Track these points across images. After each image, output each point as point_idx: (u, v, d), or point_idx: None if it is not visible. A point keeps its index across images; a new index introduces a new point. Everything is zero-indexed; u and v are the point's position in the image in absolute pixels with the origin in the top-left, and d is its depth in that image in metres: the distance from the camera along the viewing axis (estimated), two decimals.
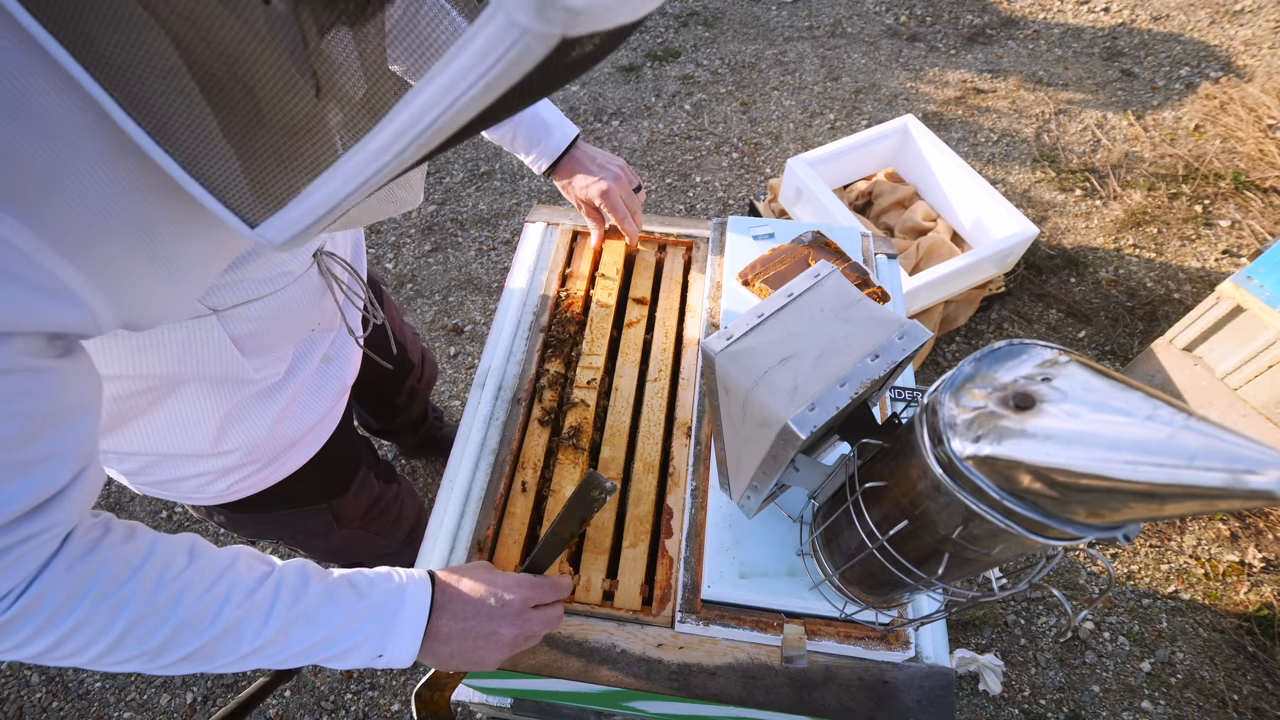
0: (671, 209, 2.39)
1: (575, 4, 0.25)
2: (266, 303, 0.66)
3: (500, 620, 0.64)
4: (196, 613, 0.52)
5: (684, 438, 0.87)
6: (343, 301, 0.80)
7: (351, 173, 0.33)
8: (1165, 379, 1.75)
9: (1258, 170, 2.25)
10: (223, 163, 0.36)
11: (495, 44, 0.27)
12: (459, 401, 1.98)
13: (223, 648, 0.54)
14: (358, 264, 0.86)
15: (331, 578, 0.61)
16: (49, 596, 0.46)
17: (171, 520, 1.79)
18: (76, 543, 0.49)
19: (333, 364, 0.87)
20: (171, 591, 0.52)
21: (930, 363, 1.99)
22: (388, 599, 0.61)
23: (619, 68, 2.80)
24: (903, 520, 0.49)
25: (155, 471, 0.75)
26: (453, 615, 0.63)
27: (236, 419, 0.74)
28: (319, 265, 0.73)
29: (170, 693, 1.56)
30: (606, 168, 1.01)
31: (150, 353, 0.61)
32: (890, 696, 0.70)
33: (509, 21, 0.26)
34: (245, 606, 0.54)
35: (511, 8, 0.25)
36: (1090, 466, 0.33)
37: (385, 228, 2.36)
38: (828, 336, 0.53)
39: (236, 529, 0.92)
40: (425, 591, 0.63)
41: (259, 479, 0.82)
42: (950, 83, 2.67)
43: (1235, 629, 1.55)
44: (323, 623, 0.57)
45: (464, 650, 0.63)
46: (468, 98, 0.29)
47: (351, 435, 1.00)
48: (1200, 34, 2.73)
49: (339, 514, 0.98)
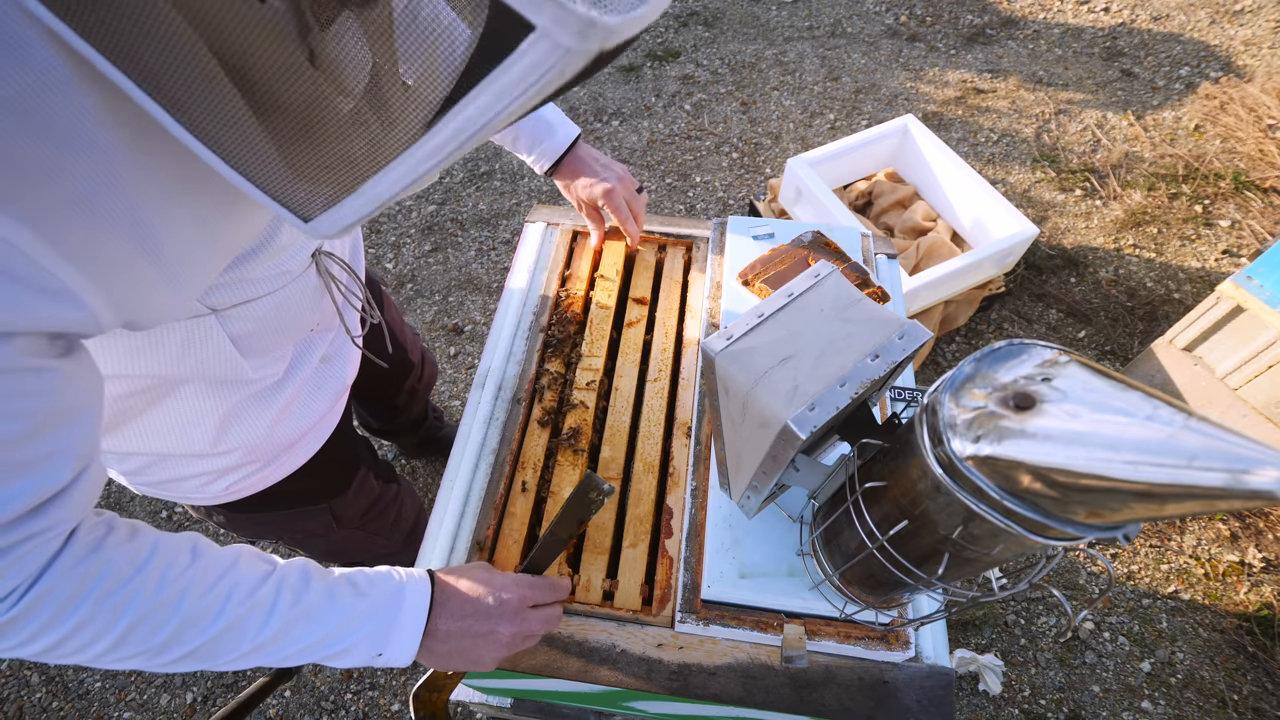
0: (671, 209, 2.39)
1: (611, 22, 0.29)
2: (265, 302, 0.66)
3: (498, 619, 0.64)
4: (199, 611, 0.53)
5: (684, 438, 0.87)
6: (341, 302, 0.80)
7: (405, 172, 0.36)
8: (1165, 379, 1.75)
9: (1258, 170, 2.25)
10: (275, 164, 0.38)
11: (541, 62, 0.30)
12: (459, 401, 1.98)
13: (224, 646, 0.54)
14: (356, 264, 0.86)
15: (332, 577, 0.61)
16: (53, 595, 0.47)
17: (171, 520, 1.79)
18: (80, 542, 0.49)
19: (332, 364, 0.87)
20: (174, 590, 0.52)
21: (930, 363, 1.99)
22: (388, 599, 0.61)
23: (619, 68, 2.80)
24: (903, 520, 0.49)
25: (154, 471, 0.75)
26: (451, 614, 0.63)
27: (235, 419, 0.74)
28: (317, 265, 0.73)
29: (170, 693, 1.56)
30: (610, 168, 1.01)
31: (150, 352, 0.61)
32: (890, 696, 0.70)
33: (553, 45, 0.29)
34: (247, 605, 0.55)
35: (556, 34, 0.28)
36: (1090, 466, 0.33)
37: (385, 228, 2.36)
38: (828, 336, 0.53)
39: (236, 529, 0.92)
40: (425, 591, 0.63)
41: (258, 479, 0.82)
42: (950, 83, 2.67)
43: (1235, 629, 1.55)
44: (323, 621, 0.58)
45: (462, 649, 0.64)
46: (515, 106, 0.32)
47: (351, 435, 1.00)
48: (1200, 34, 2.73)
49: (338, 514, 0.98)
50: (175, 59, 0.33)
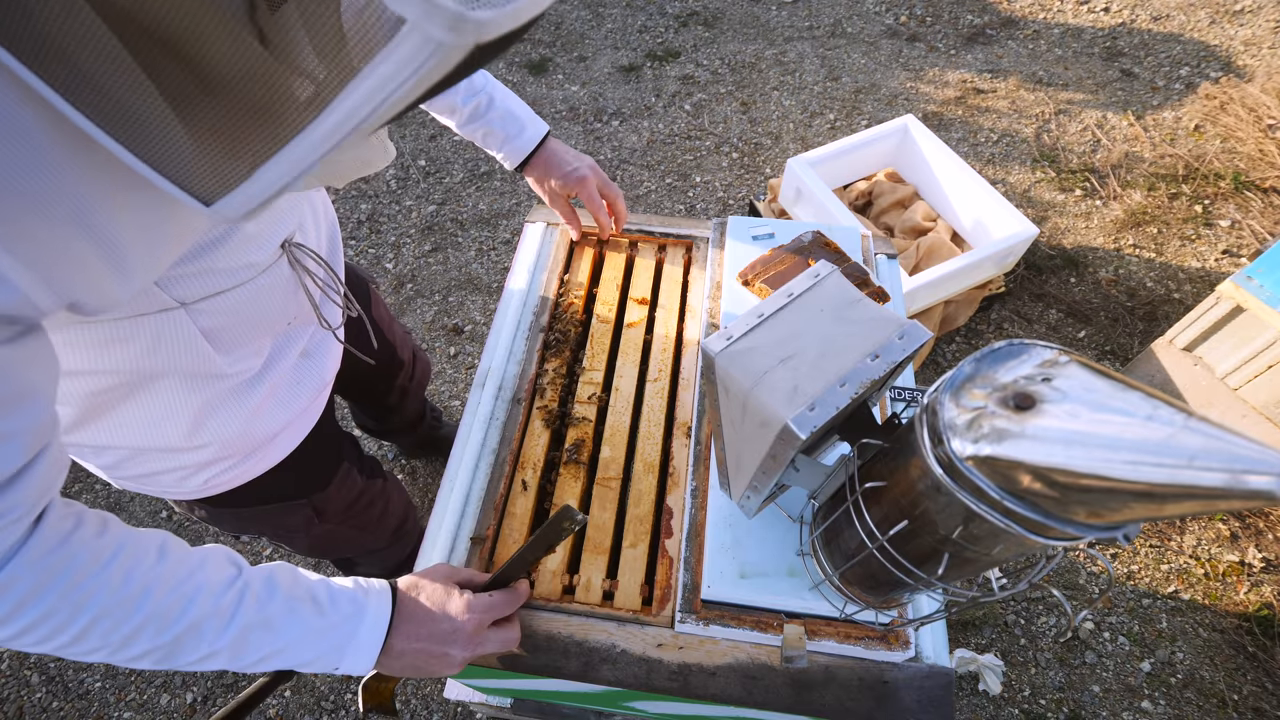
0: (671, 209, 2.39)
1: (482, 17, 0.29)
2: (235, 295, 0.66)
3: (453, 644, 0.66)
4: (162, 610, 0.53)
5: (684, 438, 0.87)
6: (318, 296, 0.79)
7: (297, 158, 0.36)
8: (1165, 379, 1.75)
9: (1258, 170, 2.25)
10: (173, 145, 0.37)
11: (416, 55, 0.30)
12: (459, 401, 1.98)
13: (184, 647, 0.55)
14: (334, 257, 0.85)
15: (297, 588, 0.62)
16: (17, 585, 0.47)
17: (172, 520, 1.79)
18: (46, 533, 0.49)
19: (312, 359, 0.86)
20: (139, 587, 0.52)
21: (930, 363, 1.99)
22: (346, 620, 0.62)
23: (619, 68, 2.80)
24: (903, 520, 0.49)
25: (132, 466, 0.75)
26: (408, 636, 0.65)
27: (211, 413, 0.73)
28: (289, 257, 0.72)
29: (170, 693, 1.56)
30: (580, 159, 1.02)
31: (119, 346, 0.61)
32: (890, 696, 0.70)
33: (426, 38, 0.29)
34: (209, 609, 0.55)
35: (428, 28, 0.28)
36: (1090, 466, 0.33)
37: (385, 228, 2.36)
38: (828, 336, 0.53)
39: (218, 524, 0.92)
40: (385, 611, 0.64)
41: (237, 474, 0.82)
42: (950, 83, 2.67)
43: (1235, 629, 1.55)
44: (282, 633, 0.59)
45: (416, 666, 0.66)
46: (396, 98, 0.32)
47: (333, 431, 0.99)
48: (1200, 34, 2.73)
49: (321, 509, 0.97)
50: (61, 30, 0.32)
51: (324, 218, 0.83)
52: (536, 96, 2.72)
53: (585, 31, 2.96)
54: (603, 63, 2.82)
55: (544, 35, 2.94)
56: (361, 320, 0.98)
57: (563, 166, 1.01)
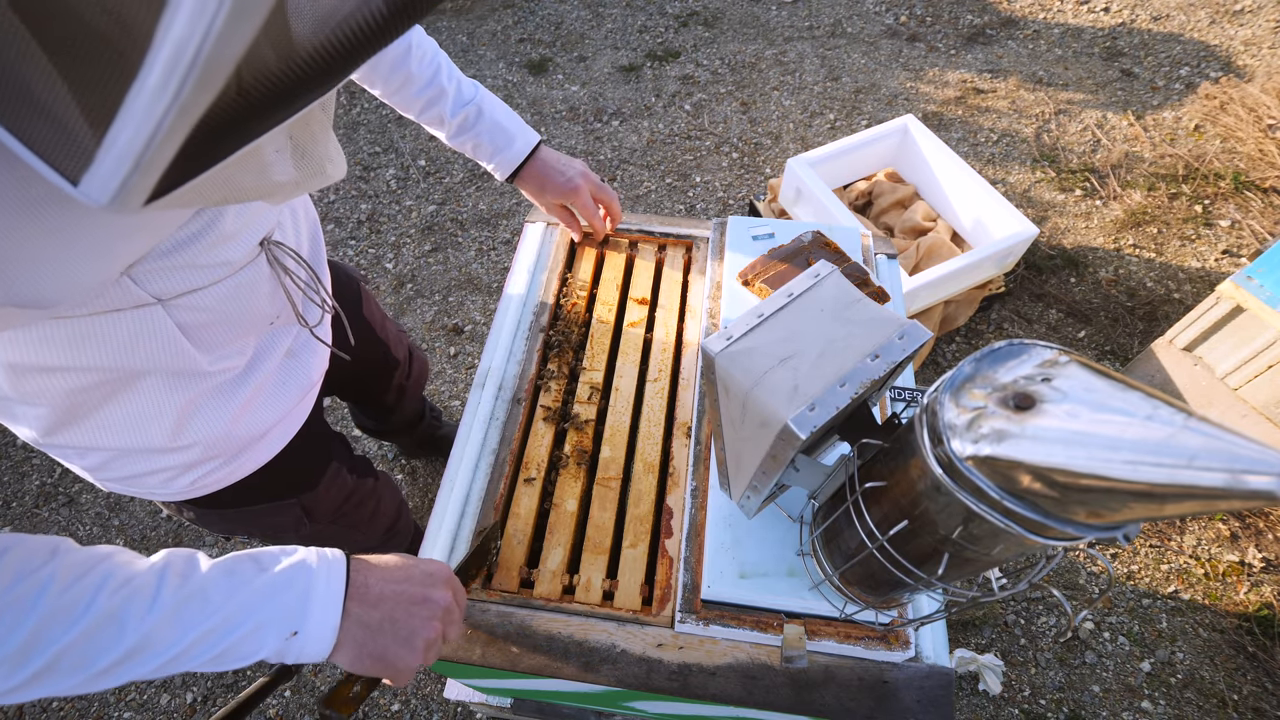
0: (671, 209, 2.39)
1: None
2: (212, 292, 0.65)
3: (433, 586, 0.61)
4: (63, 605, 0.47)
5: (684, 438, 0.87)
6: (298, 296, 0.79)
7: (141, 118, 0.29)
8: (1165, 379, 1.75)
9: (1258, 170, 2.25)
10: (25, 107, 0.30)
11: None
12: (459, 401, 1.98)
13: (99, 644, 0.48)
14: (315, 258, 0.85)
15: (230, 556, 0.56)
16: None
17: (172, 521, 1.79)
18: None
19: (298, 359, 0.85)
20: (31, 585, 0.47)
21: (930, 363, 1.99)
22: (297, 570, 0.56)
23: (619, 68, 2.80)
24: (903, 520, 0.49)
25: (116, 468, 0.74)
26: (382, 578, 0.60)
27: (194, 413, 0.73)
28: (268, 255, 0.72)
29: (170, 693, 1.56)
30: (571, 166, 1.03)
31: (95, 342, 0.60)
32: (890, 696, 0.70)
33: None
34: (124, 593, 0.49)
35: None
36: (1090, 466, 0.33)
37: (385, 228, 2.36)
38: (828, 336, 0.53)
39: (207, 525, 0.91)
40: (340, 555, 0.58)
41: (224, 474, 0.81)
42: (950, 83, 2.67)
43: (1235, 629, 1.55)
44: (222, 599, 0.52)
45: (396, 617, 0.59)
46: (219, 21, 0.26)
47: (322, 430, 0.99)
48: (1200, 34, 2.73)
49: (310, 509, 0.97)
50: None
51: (305, 218, 0.82)
52: (536, 96, 2.72)
53: (585, 31, 2.96)
54: (603, 63, 2.82)
55: (544, 35, 2.94)
56: (342, 319, 0.98)
57: (554, 179, 1.01)
